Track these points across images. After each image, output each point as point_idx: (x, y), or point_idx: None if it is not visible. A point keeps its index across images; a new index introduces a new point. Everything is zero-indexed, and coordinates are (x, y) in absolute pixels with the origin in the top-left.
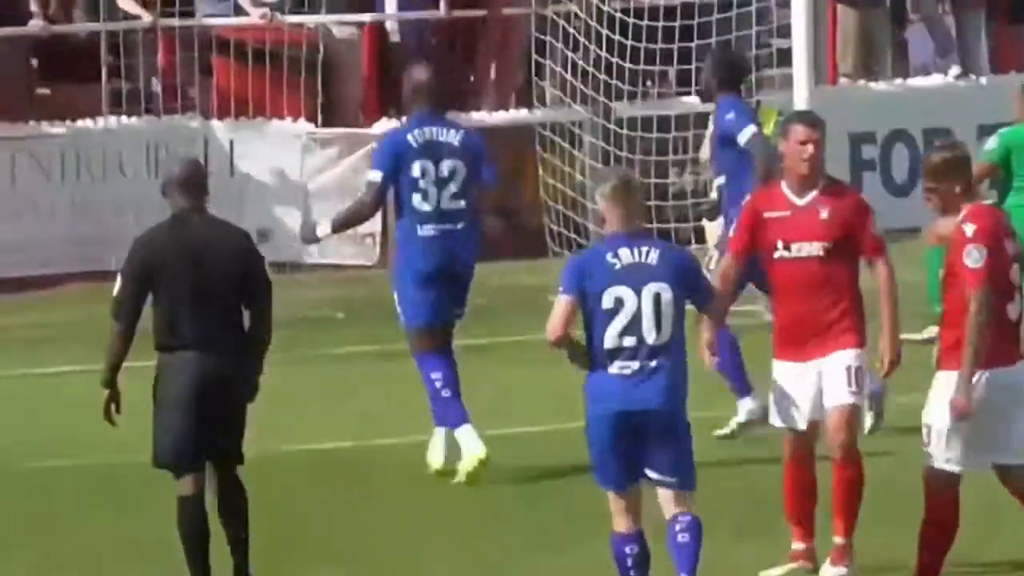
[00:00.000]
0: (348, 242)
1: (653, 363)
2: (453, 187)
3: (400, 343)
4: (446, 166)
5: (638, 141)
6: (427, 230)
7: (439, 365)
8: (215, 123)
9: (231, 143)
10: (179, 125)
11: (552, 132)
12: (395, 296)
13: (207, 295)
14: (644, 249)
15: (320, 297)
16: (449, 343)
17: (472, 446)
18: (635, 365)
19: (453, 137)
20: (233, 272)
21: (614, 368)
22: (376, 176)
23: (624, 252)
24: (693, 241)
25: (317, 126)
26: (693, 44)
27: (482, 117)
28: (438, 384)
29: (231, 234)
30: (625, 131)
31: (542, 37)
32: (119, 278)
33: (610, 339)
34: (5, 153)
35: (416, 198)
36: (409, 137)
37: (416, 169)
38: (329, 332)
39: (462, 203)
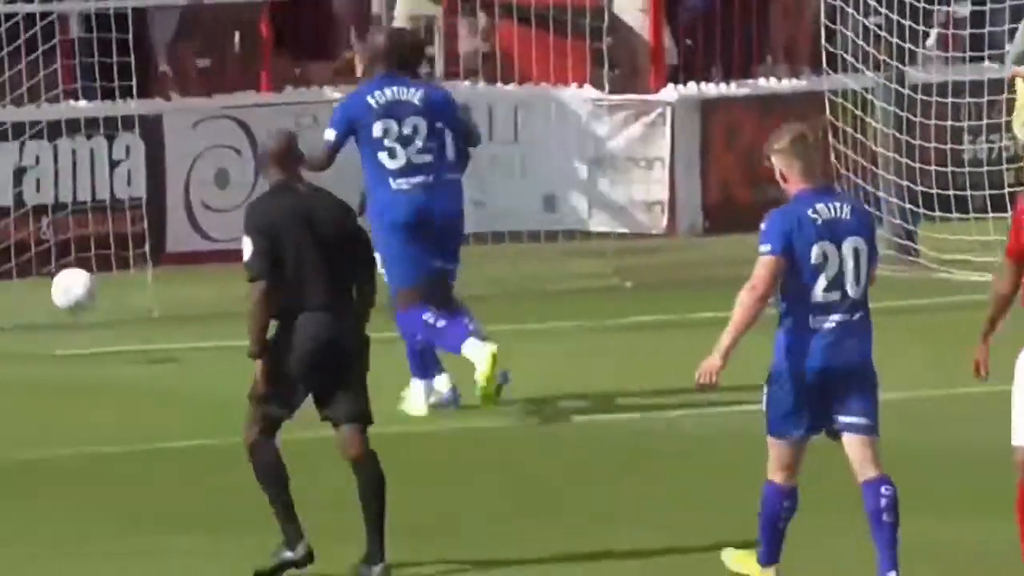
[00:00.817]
0: (636, 209)
1: (855, 316)
2: (418, 143)
3: (692, 313)
4: (408, 124)
5: (933, 107)
6: (400, 183)
7: (424, 309)
8: (499, 88)
9: (515, 109)
10: (461, 90)
11: (843, 99)
12: (378, 258)
13: (327, 257)
14: (836, 204)
15: (607, 266)
16: (450, 299)
17: (479, 355)
18: (839, 319)
19: (414, 95)
20: (343, 239)
21: (818, 324)
22: (330, 135)
23: (821, 207)
24: (989, 209)
25: (604, 93)
26: (987, 8)
27: (771, 85)
28: (429, 320)
29: (338, 204)
30: (920, 96)
31: (833, 2)
32: (246, 242)
33: (818, 294)
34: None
35: (383, 156)
36: (369, 99)
37: (378, 129)
38: (617, 302)
39: (428, 157)
